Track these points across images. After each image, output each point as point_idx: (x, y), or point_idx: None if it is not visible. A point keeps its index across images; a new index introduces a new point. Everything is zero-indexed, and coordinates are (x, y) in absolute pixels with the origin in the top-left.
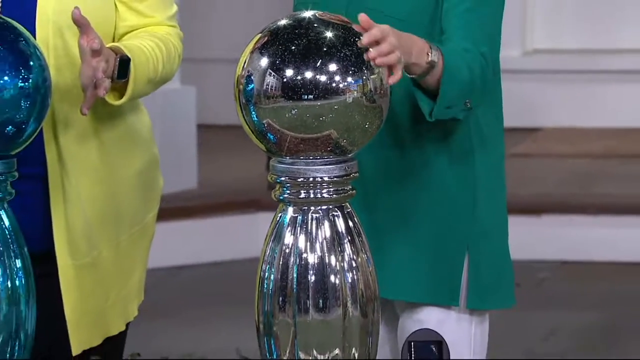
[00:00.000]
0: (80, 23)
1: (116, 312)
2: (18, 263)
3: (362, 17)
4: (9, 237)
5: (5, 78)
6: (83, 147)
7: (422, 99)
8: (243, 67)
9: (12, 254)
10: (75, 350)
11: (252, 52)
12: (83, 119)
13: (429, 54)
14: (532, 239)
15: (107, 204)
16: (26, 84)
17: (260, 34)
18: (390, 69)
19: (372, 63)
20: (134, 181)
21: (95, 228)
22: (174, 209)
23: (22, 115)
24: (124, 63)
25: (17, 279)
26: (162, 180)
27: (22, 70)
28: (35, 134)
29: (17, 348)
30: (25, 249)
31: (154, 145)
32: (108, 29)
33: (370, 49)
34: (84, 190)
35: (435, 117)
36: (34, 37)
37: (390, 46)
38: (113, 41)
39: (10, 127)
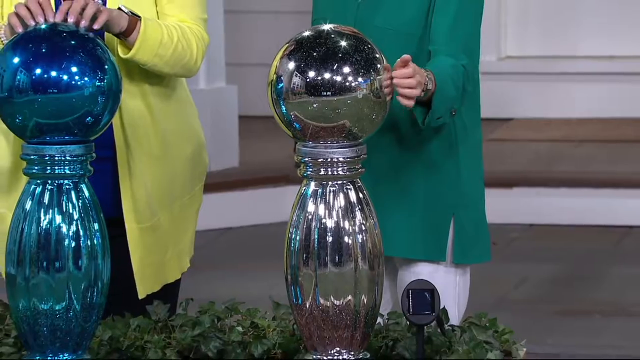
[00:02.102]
0: None
1: (173, 265)
2: (96, 226)
3: (405, 57)
4: (88, 205)
5: (86, 79)
6: (145, 134)
7: (417, 111)
8: (274, 69)
9: (91, 219)
10: (141, 295)
11: (281, 58)
12: (145, 113)
13: (427, 84)
14: (505, 206)
15: (163, 179)
16: (102, 83)
17: (288, 43)
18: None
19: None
20: (185, 161)
21: (155, 198)
22: (220, 182)
23: (98, 109)
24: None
25: (95, 238)
26: (207, 159)
27: (99, 73)
28: (109, 123)
29: (95, 293)
30: (101, 215)
31: (201, 132)
32: None
33: (401, 85)
34: (146, 169)
35: (427, 124)
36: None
37: (416, 82)
38: None
39: (89, 117)
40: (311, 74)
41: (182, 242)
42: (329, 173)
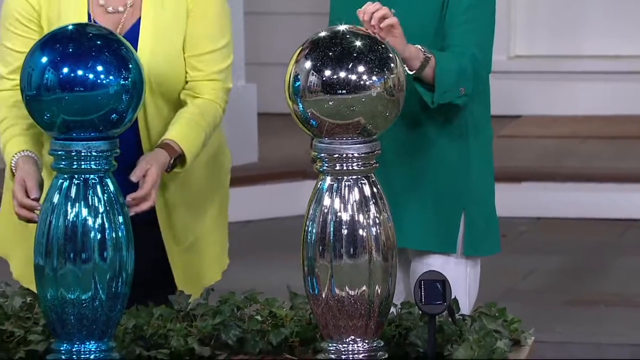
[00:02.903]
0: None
1: (213, 268)
2: (120, 219)
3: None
4: (113, 199)
5: (111, 77)
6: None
7: (424, 91)
8: (292, 68)
9: (116, 212)
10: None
11: (298, 57)
12: (169, 114)
13: (423, 51)
14: (514, 200)
15: (191, 196)
16: (126, 82)
17: (305, 44)
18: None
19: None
20: (206, 162)
21: (188, 217)
22: (240, 177)
23: (123, 106)
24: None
25: (119, 231)
26: (229, 158)
27: (124, 72)
28: (133, 120)
29: (120, 283)
30: (126, 208)
31: (222, 131)
32: (180, 78)
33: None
34: (176, 188)
35: (436, 102)
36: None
37: (392, 21)
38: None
39: (114, 115)
40: (327, 72)
41: (220, 245)
42: (344, 168)
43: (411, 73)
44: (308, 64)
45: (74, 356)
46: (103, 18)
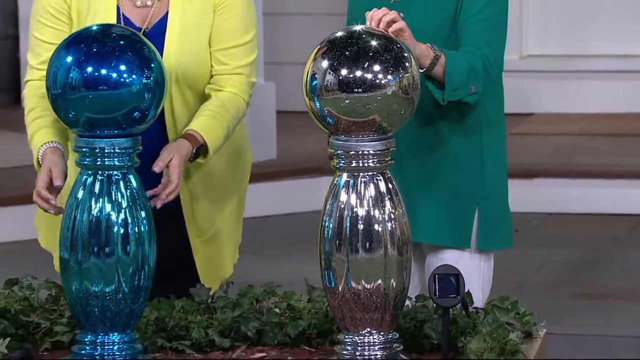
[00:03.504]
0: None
1: (228, 262)
2: (143, 214)
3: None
4: (135, 194)
5: (133, 76)
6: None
7: (434, 89)
8: (309, 67)
9: (139, 207)
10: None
11: (316, 57)
12: (195, 107)
13: (433, 49)
14: (526, 196)
15: (213, 188)
16: (148, 80)
17: (322, 43)
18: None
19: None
20: (227, 161)
21: (211, 209)
22: (259, 173)
23: (145, 104)
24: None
25: (142, 225)
26: (251, 156)
27: (146, 71)
28: (155, 117)
29: (142, 277)
30: (148, 203)
31: (244, 132)
32: (206, 72)
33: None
34: (198, 180)
35: (447, 99)
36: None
37: (400, 25)
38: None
39: (136, 113)
40: (343, 72)
41: (235, 239)
42: (360, 165)
43: (422, 71)
44: (325, 63)
45: (98, 347)
46: (131, 12)
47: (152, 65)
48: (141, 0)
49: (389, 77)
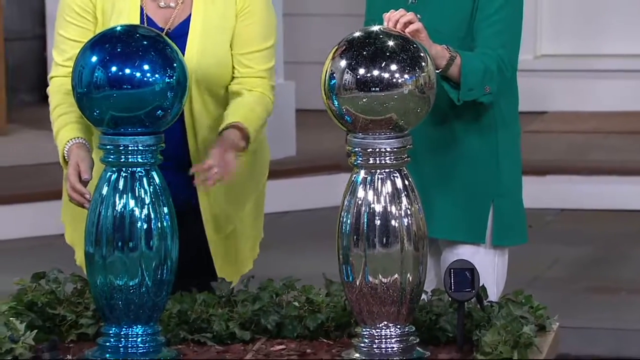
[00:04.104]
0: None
1: (247, 257)
2: (165, 210)
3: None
4: (158, 191)
5: (157, 75)
6: (212, 131)
7: (449, 89)
8: (328, 67)
9: (161, 203)
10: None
11: (334, 56)
12: (215, 109)
13: (449, 50)
14: (540, 192)
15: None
16: (171, 80)
17: (340, 43)
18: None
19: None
20: (247, 154)
21: (229, 206)
22: (278, 170)
23: (168, 103)
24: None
25: (164, 221)
26: (268, 154)
27: (169, 70)
28: (177, 116)
29: (165, 271)
30: (170, 199)
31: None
32: (227, 74)
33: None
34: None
35: (462, 99)
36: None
37: (417, 26)
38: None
39: (159, 111)
40: (361, 71)
41: (254, 236)
42: (377, 162)
43: (437, 72)
44: (343, 63)
45: (122, 339)
46: (155, 12)
47: (175, 64)
48: (165, 1)
49: (406, 76)
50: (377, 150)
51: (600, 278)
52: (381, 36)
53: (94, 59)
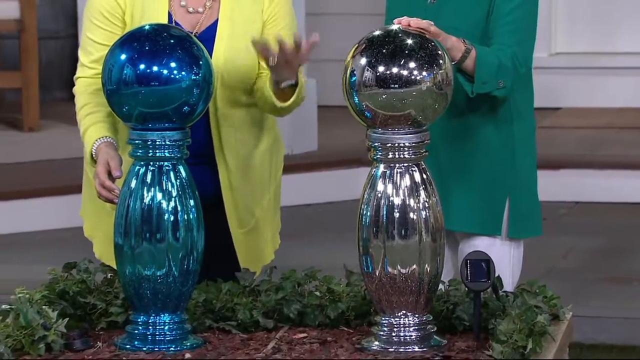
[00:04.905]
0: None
1: (269, 248)
2: (191, 202)
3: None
4: (185, 184)
5: (183, 73)
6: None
7: (464, 81)
8: (349, 64)
9: (188, 196)
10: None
11: (354, 54)
12: (239, 106)
13: (465, 43)
14: (553, 186)
15: (252, 179)
16: (197, 77)
17: (360, 42)
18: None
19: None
20: (264, 153)
21: (251, 201)
22: (301, 164)
23: (194, 99)
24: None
25: (191, 213)
26: (284, 147)
27: (195, 68)
28: (203, 111)
29: (191, 261)
30: (196, 192)
31: (278, 124)
32: (251, 76)
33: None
34: (239, 174)
35: (476, 91)
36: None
37: (427, 25)
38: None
39: (186, 107)
40: (381, 68)
41: (274, 227)
42: (396, 156)
43: (453, 63)
44: (363, 61)
45: (150, 327)
46: (183, 17)
47: (201, 62)
48: (193, 7)
49: (424, 73)
50: (396, 145)
51: (612, 268)
52: (400, 35)
53: (123, 57)
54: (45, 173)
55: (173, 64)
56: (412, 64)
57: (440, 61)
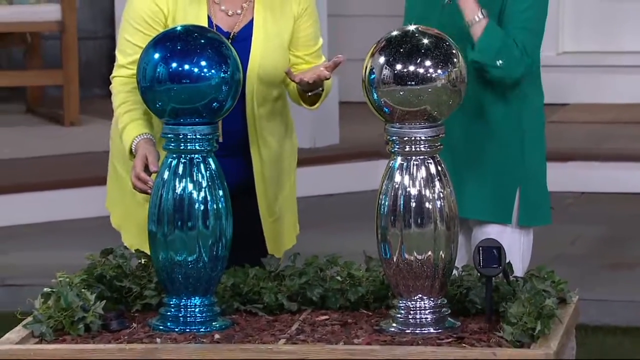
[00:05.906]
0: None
1: (291, 233)
2: (220, 192)
3: None
4: (214, 175)
5: (212, 71)
6: (268, 122)
7: (470, 50)
8: (368, 63)
9: (217, 187)
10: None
11: (373, 53)
12: (273, 100)
13: (482, 12)
14: (561, 177)
15: (278, 169)
16: (226, 75)
17: (379, 41)
18: None
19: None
20: (290, 139)
21: (279, 190)
22: (323, 156)
23: (222, 96)
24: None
25: (220, 202)
26: (296, 140)
27: (224, 66)
28: (232, 107)
29: (220, 248)
30: (225, 183)
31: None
32: (284, 69)
33: None
34: (270, 163)
35: (471, 57)
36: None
37: None
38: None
39: (215, 103)
40: (398, 66)
41: (294, 214)
42: (413, 149)
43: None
44: (382, 59)
45: (182, 309)
46: (221, 19)
47: (229, 61)
48: (232, 10)
49: (439, 71)
50: (413, 138)
51: (617, 255)
52: (417, 35)
53: (157, 56)
54: (84, 165)
55: (203, 63)
56: (427, 62)
57: (455, 60)
